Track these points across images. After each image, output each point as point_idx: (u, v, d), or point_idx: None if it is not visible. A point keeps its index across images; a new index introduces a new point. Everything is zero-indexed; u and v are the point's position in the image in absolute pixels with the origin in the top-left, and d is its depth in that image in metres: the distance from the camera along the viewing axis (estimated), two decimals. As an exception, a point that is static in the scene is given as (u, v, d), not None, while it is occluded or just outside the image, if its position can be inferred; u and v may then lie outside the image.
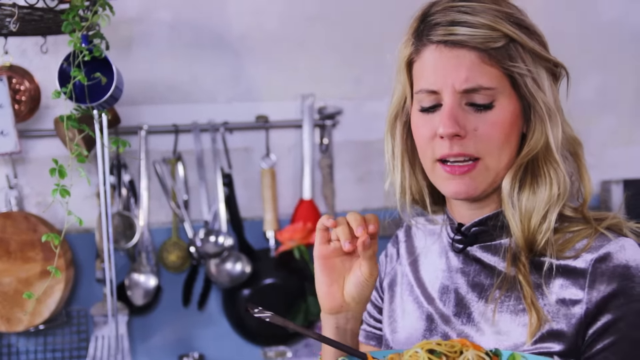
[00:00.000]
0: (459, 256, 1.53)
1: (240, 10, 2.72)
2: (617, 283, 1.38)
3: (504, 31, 1.42)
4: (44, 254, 2.47)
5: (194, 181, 2.68)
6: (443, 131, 1.41)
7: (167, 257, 2.67)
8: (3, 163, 2.57)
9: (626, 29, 2.94)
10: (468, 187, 1.44)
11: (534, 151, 1.44)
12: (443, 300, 1.53)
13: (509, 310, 1.44)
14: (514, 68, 1.42)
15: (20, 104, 2.52)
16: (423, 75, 1.46)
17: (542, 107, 1.44)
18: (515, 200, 1.44)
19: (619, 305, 1.37)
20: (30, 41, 2.50)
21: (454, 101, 1.42)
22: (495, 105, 1.42)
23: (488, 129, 1.42)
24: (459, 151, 1.41)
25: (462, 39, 1.42)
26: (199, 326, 2.72)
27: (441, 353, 1.25)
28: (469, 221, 1.51)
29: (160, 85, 2.68)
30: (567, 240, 1.44)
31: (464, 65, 1.42)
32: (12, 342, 2.60)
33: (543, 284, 1.42)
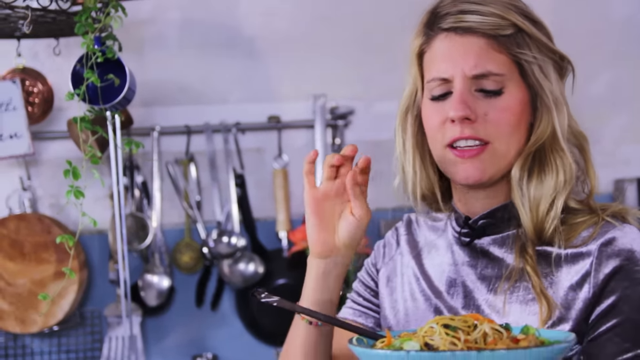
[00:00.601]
0: (466, 249, 1.54)
1: (251, 11, 2.73)
2: (622, 266, 1.40)
3: (512, 20, 1.44)
4: (58, 256, 2.48)
5: (207, 182, 2.69)
6: (454, 114, 1.42)
7: (180, 258, 2.67)
8: (17, 165, 2.58)
9: (638, 27, 2.93)
10: (478, 170, 1.44)
11: (541, 140, 1.46)
12: (451, 294, 1.53)
13: (519, 301, 1.45)
14: (522, 55, 1.44)
15: (33, 106, 2.52)
16: (434, 64, 1.48)
17: (548, 95, 1.46)
18: (524, 189, 1.46)
19: (622, 288, 1.39)
20: (43, 43, 2.50)
21: (464, 86, 1.43)
22: (504, 92, 1.44)
23: (498, 114, 1.44)
24: (469, 134, 1.43)
25: (471, 25, 1.44)
26: (212, 327, 2.72)
27: (456, 327, 1.24)
28: (477, 213, 1.52)
29: (172, 87, 2.68)
30: (573, 229, 1.45)
31: (473, 51, 1.44)
32: (27, 343, 2.60)
33: (552, 272, 1.44)
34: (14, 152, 2.45)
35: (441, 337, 1.22)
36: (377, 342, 1.31)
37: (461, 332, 1.23)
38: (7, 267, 2.48)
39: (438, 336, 1.22)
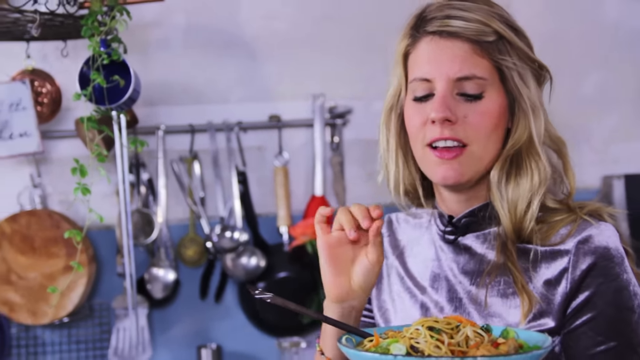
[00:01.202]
0: (449, 246, 1.55)
1: (252, 13, 2.73)
2: (597, 263, 1.41)
3: (495, 27, 1.45)
4: (67, 250, 2.49)
5: (210, 179, 2.69)
6: (435, 115, 1.43)
7: (184, 252, 2.68)
8: (27, 163, 2.58)
9: (626, 30, 2.93)
10: (456, 171, 1.45)
11: (518, 144, 1.47)
12: (435, 288, 1.54)
13: (499, 294, 1.46)
14: (503, 61, 1.45)
15: (42, 106, 2.54)
16: (418, 65, 1.48)
17: (526, 101, 1.47)
18: (503, 191, 1.47)
19: (597, 284, 1.41)
20: (51, 46, 2.50)
21: (447, 89, 1.44)
22: (484, 97, 1.45)
23: (477, 117, 1.44)
24: (449, 135, 1.43)
25: (456, 30, 1.45)
26: (216, 318, 2.73)
27: (440, 329, 1.25)
28: (458, 213, 1.53)
29: (176, 87, 2.69)
30: (551, 227, 1.47)
31: (458, 55, 1.44)
32: (38, 334, 2.62)
33: (530, 268, 1.45)
34: (24, 150, 2.47)
35: (426, 340, 1.23)
36: (365, 341, 1.32)
37: (445, 335, 1.25)
38: (19, 261, 2.50)
39: (423, 339, 1.23)
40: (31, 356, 2.61)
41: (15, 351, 2.59)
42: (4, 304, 2.49)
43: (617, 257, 1.42)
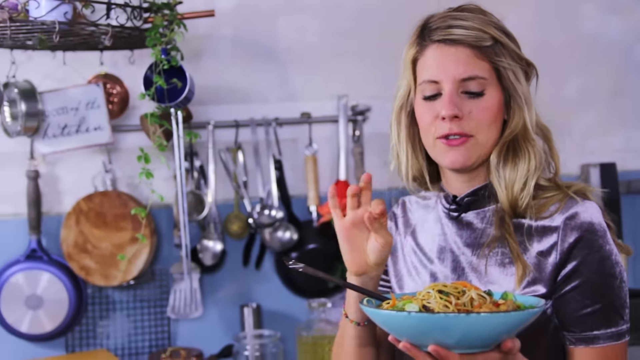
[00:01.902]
0: (453, 222, 1.54)
1: (287, 28, 2.74)
2: (583, 236, 1.41)
3: (491, 33, 1.46)
4: (133, 224, 2.51)
5: (251, 166, 2.70)
6: (445, 113, 1.43)
7: (230, 227, 2.69)
8: (100, 152, 2.60)
9: (603, 39, 2.91)
10: (463, 156, 1.45)
11: (515, 132, 1.47)
12: (441, 259, 1.54)
13: (497, 264, 1.46)
14: (499, 62, 1.45)
15: (113, 105, 2.55)
16: (426, 69, 1.48)
17: (521, 96, 1.47)
18: (500, 172, 1.47)
19: (583, 255, 1.40)
20: (120, 54, 2.52)
21: (453, 89, 1.44)
22: (485, 94, 1.45)
23: (480, 112, 1.45)
24: (457, 130, 1.44)
25: (458, 37, 1.45)
26: (256, 282, 2.74)
27: (449, 293, 1.26)
28: (461, 193, 1.53)
29: (223, 89, 2.70)
30: (542, 205, 1.46)
31: (461, 59, 1.44)
32: (109, 294, 2.64)
33: (525, 240, 1.44)
34: (97, 141, 2.50)
35: (436, 300, 1.24)
36: (383, 304, 1.33)
37: (452, 296, 1.25)
38: (93, 234, 2.52)
39: (434, 300, 1.24)
40: (103, 312, 2.63)
41: (91, 308, 2.62)
42: (81, 269, 2.51)
43: (600, 231, 1.41)
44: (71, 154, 2.56)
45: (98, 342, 2.62)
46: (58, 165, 2.60)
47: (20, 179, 2.53)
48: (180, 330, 2.69)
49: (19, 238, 2.53)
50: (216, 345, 2.67)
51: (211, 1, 2.58)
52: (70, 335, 2.60)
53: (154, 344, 2.66)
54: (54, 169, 2.59)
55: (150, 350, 2.65)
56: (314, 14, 2.75)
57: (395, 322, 1.22)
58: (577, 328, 1.40)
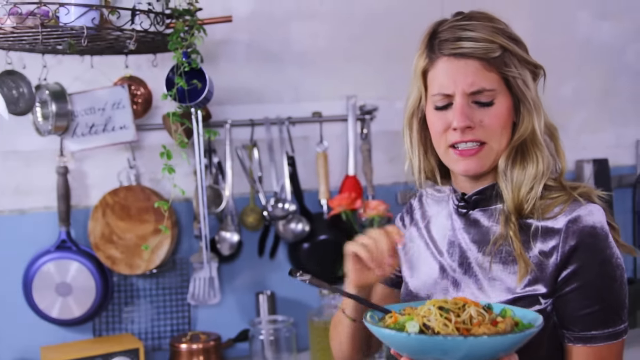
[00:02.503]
0: (462, 219, 1.53)
1: (299, 33, 2.74)
2: (584, 239, 1.37)
3: (500, 43, 1.41)
4: (156, 217, 2.51)
5: (266, 162, 2.70)
6: (457, 124, 1.41)
7: (246, 219, 2.69)
8: (124, 149, 2.60)
9: (595, 44, 2.92)
10: (476, 165, 1.44)
11: (524, 137, 1.44)
12: (450, 253, 1.53)
13: (501, 261, 1.44)
14: (509, 72, 1.42)
15: (137, 105, 2.55)
16: (438, 82, 1.45)
17: (530, 102, 1.44)
18: (508, 175, 1.44)
19: (584, 258, 1.37)
20: (144, 57, 2.51)
21: (464, 101, 1.41)
22: (495, 103, 1.42)
23: (491, 120, 1.42)
24: (470, 138, 1.42)
25: (467, 51, 1.41)
26: (270, 271, 2.74)
27: (449, 309, 1.24)
28: (469, 191, 1.51)
29: (240, 90, 2.69)
30: (547, 205, 1.43)
31: (470, 72, 1.41)
32: (133, 282, 2.64)
33: (529, 240, 1.42)
34: (123, 139, 2.49)
35: (436, 319, 1.22)
36: (386, 317, 1.32)
37: (452, 313, 1.24)
38: (119, 225, 2.52)
39: (434, 317, 1.23)
40: (128, 299, 2.63)
41: (116, 295, 2.62)
42: (107, 258, 2.51)
43: (601, 234, 1.38)
44: (98, 151, 2.56)
45: (123, 326, 2.62)
46: (86, 162, 2.59)
47: (51, 175, 2.53)
48: (200, 316, 2.69)
49: (50, 230, 2.54)
50: (233, 330, 2.68)
51: (229, 8, 2.58)
52: (98, 320, 2.60)
53: (175, 328, 2.66)
54: (82, 165, 2.59)
55: (172, 334, 2.65)
56: (324, 20, 2.75)
57: (396, 341, 1.22)
58: (575, 327, 1.38)
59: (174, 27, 2.11)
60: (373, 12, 2.76)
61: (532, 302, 1.38)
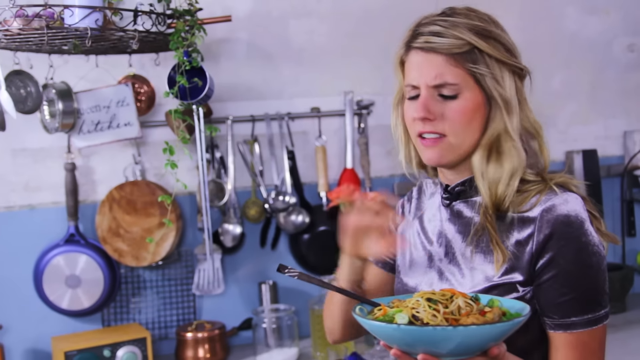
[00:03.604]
0: (447, 210, 1.51)
1: (297, 31, 2.72)
2: (558, 228, 1.35)
3: (467, 40, 1.38)
4: (161, 210, 2.50)
5: (267, 156, 2.69)
6: (417, 115, 1.40)
7: (248, 212, 2.68)
8: (130, 146, 2.59)
9: (583, 39, 2.91)
10: (436, 155, 1.41)
11: (496, 133, 1.41)
12: (439, 243, 1.51)
13: (482, 251, 1.42)
14: (475, 69, 1.39)
15: (141, 102, 2.54)
16: (408, 73, 1.44)
17: (499, 99, 1.40)
18: (484, 172, 1.41)
19: (559, 246, 1.35)
20: (147, 57, 2.51)
21: (427, 93, 1.39)
22: (459, 97, 1.39)
23: (452, 114, 1.39)
24: (429, 129, 1.40)
25: (433, 46, 1.39)
26: (272, 261, 2.73)
27: (437, 300, 1.22)
28: (452, 183, 1.49)
29: (240, 87, 2.68)
30: (524, 197, 1.40)
31: (435, 66, 1.39)
32: (140, 274, 2.64)
33: (505, 230, 1.40)
34: (127, 136, 2.48)
35: (425, 310, 1.20)
36: (375, 310, 1.29)
37: (440, 304, 1.21)
38: (125, 219, 2.51)
39: (422, 309, 1.20)
40: (135, 290, 2.63)
41: (124, 286, 2.62)
42: (114, 251, 2.50)
43: (576, 222, 1.35)
44: (104, 148, 2.56)
45: (131, 316, 2.62)
46: (92, 158, 2.59)
47: (59, 171, 2.53)
48: (205, 306, 2.69)
49: (59, 224, 2.53)
50: (237, 318, 2.68)
51: (228, 8, 2.58)
52: (106, 311, 2.60)
53: (181, 318, 2.66)
54: (88, 161, 2.59)
55: (178, 323, 2.65)
56: (321, 18, 2.73)
57: (385, 333, 1.19)
58: (555, 315, 1.36)
59: (175, 27, 2.10)
60: (369, 10, 2.75)
61: (509, 290, 1.37)
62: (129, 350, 2.37)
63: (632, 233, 2.92)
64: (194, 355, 2.47)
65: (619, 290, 2.65)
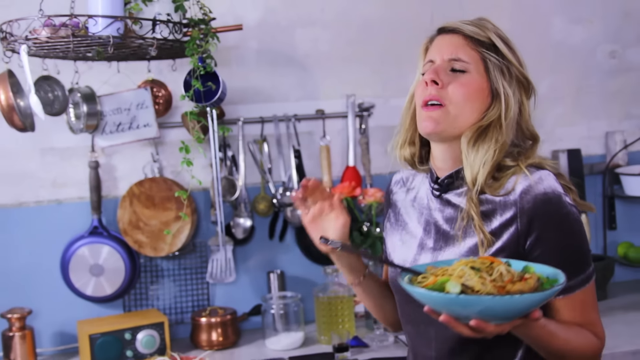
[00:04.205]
0: (437, 199, 1.51)
1: (303, 38, 2.73)
2: (539, 207, 1.36)
3: (488, 35, 1.44)
4: (177, 205, 2.51)
5: (275, 155, 2.69)
6: (427, 77, 1.43)
7: (258, 206, 2.68)
8: (148, 145, 2.60)
9: (568, 46, 2.90)
10: (433, 122, 1.42)
11: (489, 120, 1.42)
12: (427, 231, 1.51)
13: (470, 236, 1.42)
14: (488, 55, 1.43)
15: (159, 105, 2.55)
16: (429, 53, 1.48)
17: (501, 91, 1.43)
18: (468, 152, 1.42)
19: (543, 223, 1.36)
20: (165, 62, 2.52)
21: (440, 64, 1.44)
22: (466, 74, 1.42)
23: (457, 86, 1.42)
24: (434, 94, 1.42)
25: (456, 27, 1.46)
26: (280, 252, 2.74)
27: (479, 269, 1.19)
28: (443, 172, 1.50)
29: (250, 91, 2.69)
30: (501, 182, 1.41)
31: (453, 44, 1.44)
32: (158, 263, 2.65)
33: (489, 214, 1.40)
34: (146, 136, 2.50)
35: (473, 278, 1.17)
36: (419, 277, 1.25)
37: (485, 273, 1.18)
38: (144, 213, 2.52)
39: (470, 277, 1.17)
40: (154, 278, 2.64)
41: (143, 275, 2.63)
42: (134, 242, 2.52)
43: (554, 198, 1.36)
44: (125, 147, 2.57)
45: (150, 302, 2.64)
46: (114, 157, 2.60)
47: (84, 169, 2.54)
48: (218, 293, 2.70)
49: (83, 217, 2.55)
50: (247, 304, 2.69)
51: (239, 17, 2.58)
52: (127, 297, 2.61)
53: (195, 304, 2.67)
54: (111, 159, 2.60)
55: (193, 309, 2.66)
56: (325, 27, 2.74)
57: (441, 302, 1.15)
58: None
59: (191, 35, 2.10)
60: (369, 20, 2.75)
61: None
62: (148, 333, 2.39)
63: (612, 226, 2.93)
64: (207, 339, 2.48)
65: (600, 279, 2.66)
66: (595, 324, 1.41)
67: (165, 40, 2.05)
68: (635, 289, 2.83)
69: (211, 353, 2.44)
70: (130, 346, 2.36)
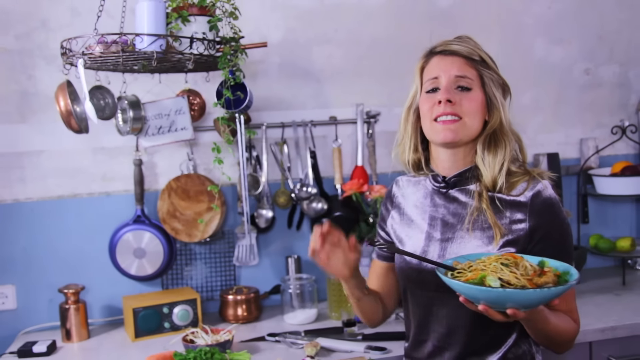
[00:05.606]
0: (442, 197, 1.50)
1: (319, 55, 2.72)
2: (546, 209, 1.38)
3: (479, 53, 1.46)
4: (209, 198, 2.51)
5: (293, 155, 2.68)
6: (442, 97, 1.42)
7: (278, 200, 2.68)
8: (185, 145, 2.59)
9: (548, 64, 2.89)
10: (453, 135, 1.43)
11: (494, 126, 1.44)
12: (432, 226, 1.50)
13: (479, 228, 1.42)
14: (484, 72, 1.44)
15: (194, 111, 2.55)
16: (430, 71, 1.48)
17: (497, 100, 1.45)
18: (485, 157, 1.44)
19: (549, 222, 1.39)
20: (200, 75, 2.52)
21: (449, 82, 1.43)
22: (472, 90, 1.44)
23: (468, 102, 1.43)
24: (450, 111, 1.42)
25: (455, 49, 1.46)
26: (297, 239, 2.73)
27: (508, 264, 1.19)
28: (448, 174, 1.49)
29: (273, 100, 2.68)
30: (514, 182, 1.43)
31: (456, 63, 1.45)
32: (192, 248, 2.64)
33: (501, 211, 1.41)
34: (183, 138, 2.49)
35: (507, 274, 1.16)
36: (454, 273, 1.23)
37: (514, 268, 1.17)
38: (180, 204, 2.52)
39: (504, 273, 1.16)
40: (188, 261, 2.64)
41: (179, 257, 2.63)
42: (172, 229, 2.52)
43: (556, 203, 1.40)
44: (164, 147, 2.57)
45: (185, 282, 2.64)
46: (155, 155, 2.60)
47: (129, 165, 2.55)
48: (243, 274, 2.70)
49: (128, 208, 2.55)
50: (268, 284, 2.69)
51: (264, 36, 2.59)
52: (165, 277, 2.62)
53: (224, 283, 2.67)
54: (152, 158, 2.60)
55: (221, 288, 2.66)
56: (338, 45, 2.73)
57: (486, 295, 1.14)
58: None
59: (223, 51, 2.10)
60: (376, 39, 2.74)
61: None
62: (183, 308, 2.39)
63: (585, 220, 2.92)
64: (234, 313, 2.48)
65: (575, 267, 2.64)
66: (574, 311, 1.42)
67: (200, 55, 2.05)
68: (604, 275, 2.82)
69: (237, 326, 2.43)
70: (167, 319, 2.37)
